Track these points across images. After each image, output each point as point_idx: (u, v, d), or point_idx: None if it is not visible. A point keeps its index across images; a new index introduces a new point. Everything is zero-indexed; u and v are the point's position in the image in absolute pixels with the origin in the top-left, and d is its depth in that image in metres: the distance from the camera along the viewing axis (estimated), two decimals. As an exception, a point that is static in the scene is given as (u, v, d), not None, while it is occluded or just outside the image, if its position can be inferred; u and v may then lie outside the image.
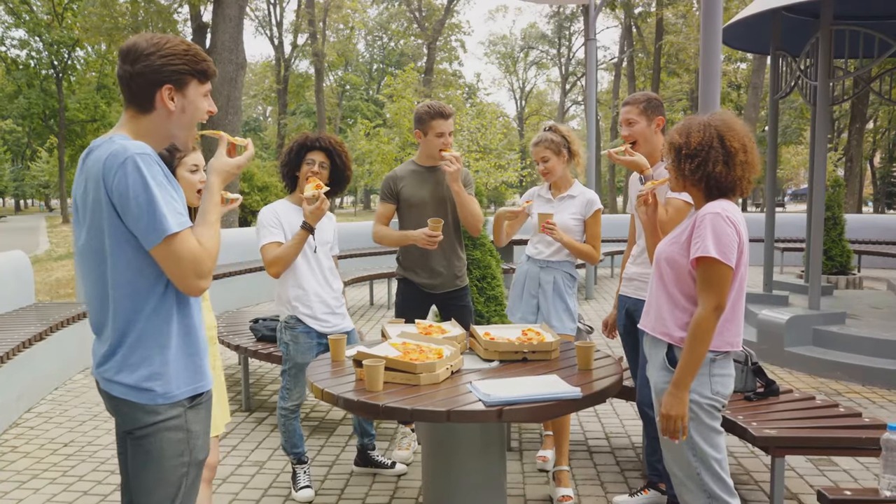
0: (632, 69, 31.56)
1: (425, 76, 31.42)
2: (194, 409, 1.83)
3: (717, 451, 2.27)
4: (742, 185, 2.26)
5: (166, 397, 1.76)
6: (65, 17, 30.10)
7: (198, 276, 1.74)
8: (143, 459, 1.77)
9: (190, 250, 1.71)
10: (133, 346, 1.74)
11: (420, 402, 2.34)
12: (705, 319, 2.16)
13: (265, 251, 3.28)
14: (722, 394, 2.28)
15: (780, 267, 12.42)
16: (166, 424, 1.76)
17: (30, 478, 3.76)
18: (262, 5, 36.50)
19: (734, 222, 2.19)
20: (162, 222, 1.67)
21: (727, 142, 2.22)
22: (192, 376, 1.81)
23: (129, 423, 1.77)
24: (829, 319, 5.99)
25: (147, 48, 1.76)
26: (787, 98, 10.04)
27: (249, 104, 55.31)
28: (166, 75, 1.77)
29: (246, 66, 12.84)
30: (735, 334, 2.29)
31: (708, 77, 3.95)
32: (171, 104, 1.80)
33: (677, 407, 2.19)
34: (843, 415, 3.19)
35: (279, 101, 37.08)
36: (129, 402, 1.74)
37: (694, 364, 2.18)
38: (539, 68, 55.07)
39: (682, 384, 2.20)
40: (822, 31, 5.91)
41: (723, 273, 2.16)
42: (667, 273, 2.32)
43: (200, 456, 1.86)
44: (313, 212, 3.17)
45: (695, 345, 2.17)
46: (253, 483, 3.67)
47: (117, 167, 1.66)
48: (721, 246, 2.15)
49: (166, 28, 24.30)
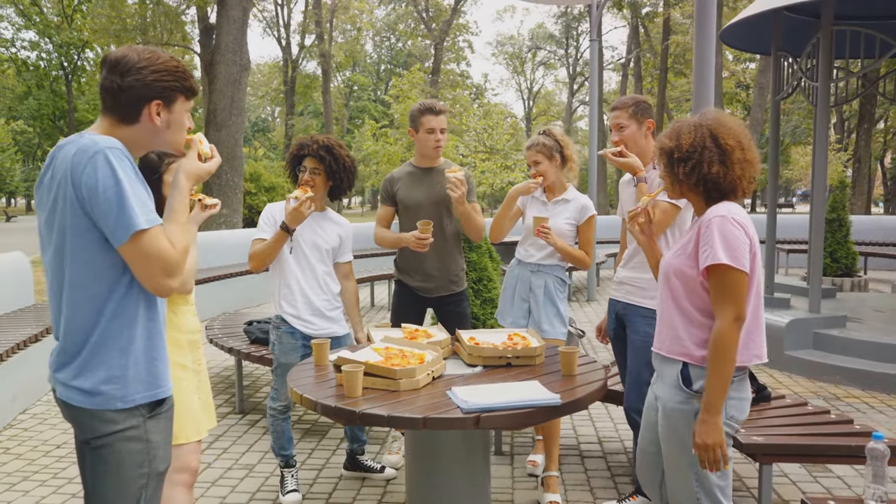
0: (639, 69, 31.43)
1: (432, 77, 31.40)
2: (154, 418, 1.81)
3: (722, 479, 2.11)
4: (743, 184, 2.12)
5: (125, 401, 1.73)
6: (74, 19, 30.27)
7: (166, 274, 1.71)
8: (102, 469, 1.75)
9: (159, 248, 1.68)
10: (93, 349, 1.72)
11: (397, 408, 2.32)
12: (726, 333, 1.99)
13: (251, 245, 3.33)
14: (736, 419, 2.11)
15: (784, 269, 12.33)
16: (125, 434, 1.73)
17: (20, 480, 3.76)
18: (270, 6, 36.59)
19: (742, 224, 2.05)
20: (132, 217, 1.65)
21: (721, 140, 2.10)
22: (152, 382, 1.79)
23: (86, 432, 1.75)
24: (830, 323, 5.93)
25: (139, 62, 1.76)
26: (796, 98, 9.94)
27: (258, 105, 55.50)
28: (157, 91, 1.77)
29: (250, 68, 12.87)
30: (760, 345, 2.13)
31: (701, 78, 3.91)
32: (158, 119, 1.80)
33: (713, 434, 2.00)
34: (833, 421, 3.15)
35: (286, 102, 37.16)
36: (86, 409, 1.72)
37: (723, 384, 1.99)
38: (547, 69, 54.95)
39: (714, 408, 2.00)
40: (822, 32, 5.86)
41: (738, 279, 2.01)
42: (677, 287, 2.15)
43: (161, 467, 1.83)
44: (291, 213, 3.16)
45: (719, 363, 1.99)
46: (241, 487, 3.66)
47: (87, 161, 1.65)
48: (732, 250, 2.00)
49: (174, 30, 24.42)
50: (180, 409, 2.60)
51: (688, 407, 2.10)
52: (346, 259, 3.57)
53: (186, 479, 2.66)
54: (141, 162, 2.57)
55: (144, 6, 24.11)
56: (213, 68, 12.49)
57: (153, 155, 2.58)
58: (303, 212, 3.16)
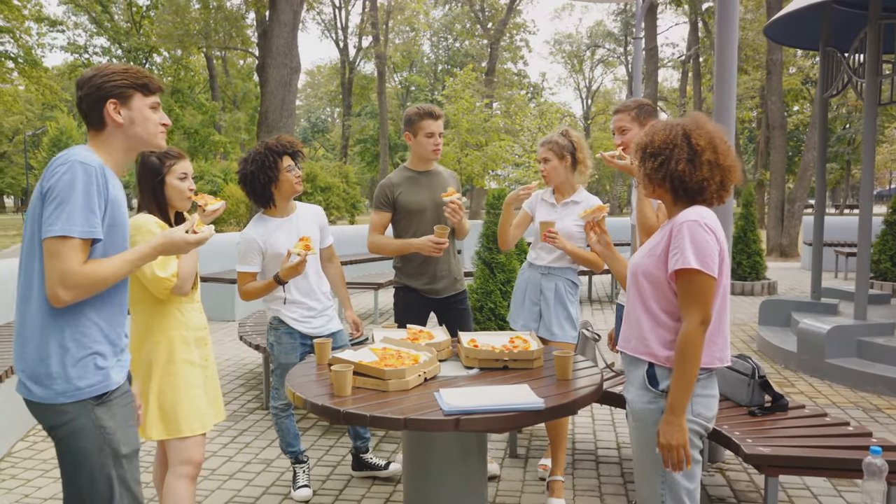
0: (697, 67, 30.61)
1: (487, 76, 31.33)
2: (103, 405, 1.91)
3: (689, 481, 2.10)
4: (710, 187, 2.10)
5: (66, 395, 1.85)
6: (142, 25, 31.50)
7: (62, 285, 1.78)
8: (70, 459, 1.89)
9: (68, 259, 1.78)
10: (40, 343, 1.85)
11: (382, 408, 2.35)
12: (692, 336, 2.01)
13: (240, 278, 3.38)
14: (704, 416, 2.11)
15: (844, 273, 11.83)
16: (77, 423, 1.86)
17: (52, 467, 3.96)
18: (328, 9, 37.25)
19: (713, 229, 2.06)
20: (64, 221, 1.77)
21: (693, 139, 2.09)
22: (96, 374, 1.90)
23: (44, 421, 1.90)
24: (876, 330, 5.66)
25: (90, 73, 1.96)
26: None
27: (317, 106, 56.57)
28: (108, 90, 1.94)
29: (300, 70, 13.12)
30: (722, 348, 2.14)
31: (723, 79, 3.80)
32: (119, 117, 1.96)
33: (677, 435, 2.02)
34: (850, 434, 3.01)
35: (343, 103, 37.74)
36: (35, 403, 1.87)
37: (687, 385, 2.02)
38: (606, 67, 54.11)
39: (678, 409, 2.03)
40: (870, 25, 5.60)
41: (706, 284, 2.02)
42: (645, 288, 2.17)
43: (123, 450, 1.94)
44: (289, 269, 3.16)
45: (685, 365, 2.01)
46: (257, 481, 3.76)
47: (57, 166, 1.81)
48: (702, 255, 2.01)
49: (235, 34, 25.17)
50: (186, 403, 2.71)
51: (654, 406, 2.11)
52: (328, 243, 3.61)
53: (190, 471, 2.75)
54: (143, 165, 2.68)
55: (207, 12, 24.93)
56: (264, 71, 12.81)
57: (154, 158, 2.68)
58: (300, 270, 3.16)
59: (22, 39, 24.93)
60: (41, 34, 28.72)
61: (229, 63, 38.26)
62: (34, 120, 45.76)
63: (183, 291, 2.66)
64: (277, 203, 3.37)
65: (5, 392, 4.13)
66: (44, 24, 28.30)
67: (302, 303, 3.39)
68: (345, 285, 3.71)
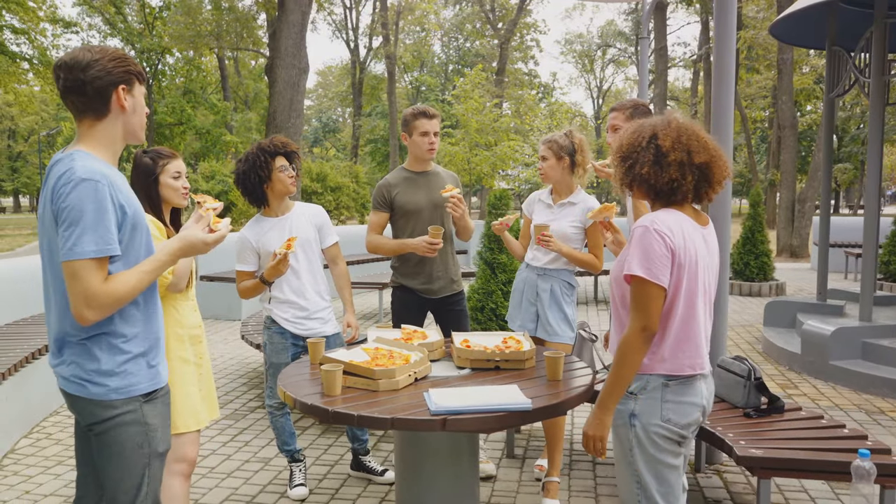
0: (708, 66, 30.45)
1: (497, 76, 31.31)
2: (150, 402, 1.96)
3: (662, 485, 2.07)
4: (682, 188, 2.02)
5: (119, 392, 1.89)
6: (155, 26, 31.74)
7: (87, 306, 1.79)
8: (107, 452, 1.91)
9: (88, 279, 1.78)
10: (92, 343, 1.88)
11: (371, 408, 2.36)
12: (630, 341, 1.99)
13: (237, 277, 3.42)
14: (675, 422, 2.05)
15: (854, 274, 11.73)
16: (123, 419, 1.90)
17: (55, 464, 4.00)
18: (339, 10, 37.35)
19: (664, 234, 1.97)
20: (78, 242, 1.76)
21: (659, 140, 2.02)
22: (148, 372, 1.95)
23: (87, 418, 1.92)
24: (881, 332, 5.61)
25: (93, 56, 1.87)
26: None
27: (328, 106, 56.73)
28: (119, 76, 1.89)
29: (308, 71, 13.17)
30: (693, 356, 2.06)
31: (721, 81, 3.78)
32: (126, 103, 1.91)
33: (595, 427, 2.07)
34: (846, 436, 2.99)
35: (354, 104, 37.83)
36: (84, 398, 1.89)
37: (616, 386, 2.02)
38: (617, 66, 53.94)
39: (603, 405, 2.05)
40: (876, 24, 5.55)
41: (650, 292, 1.97)
42: (617, 293, 2.15)
43: (160, 448, 1.99)
44: (270, 269, 3.16)
45: (618, 366, 2.01)
46: (255, 479, 3.79)
47: (62, 186, 1.79)
48: (647, 263, 1.96)
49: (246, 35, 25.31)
50: (181, 400, 2.73)
51: (622, 407, 2.11)
52: (331, 241, 3.55)
53: (184, 468, 2.77)
54: (137, 166, 2.70)
55: (219, 12, 25.08)
56: (272, 72, 12.87)
57: (148, 158, 2.70)
58: (281, 270, 3.16)
59: (37, 41, 25.20)
60: (56, 35, 28.94)
61: (241, 64, 38.50)
62: (49, 120, 46.24)
63: (178, 289, 2.68)
64: (271, 203, 3.38)
65: (9, 389, 4.17)
66: (58, 26, 28.52)
67: (293, 302, 3.40)
68: (349, 287, 3.60)
